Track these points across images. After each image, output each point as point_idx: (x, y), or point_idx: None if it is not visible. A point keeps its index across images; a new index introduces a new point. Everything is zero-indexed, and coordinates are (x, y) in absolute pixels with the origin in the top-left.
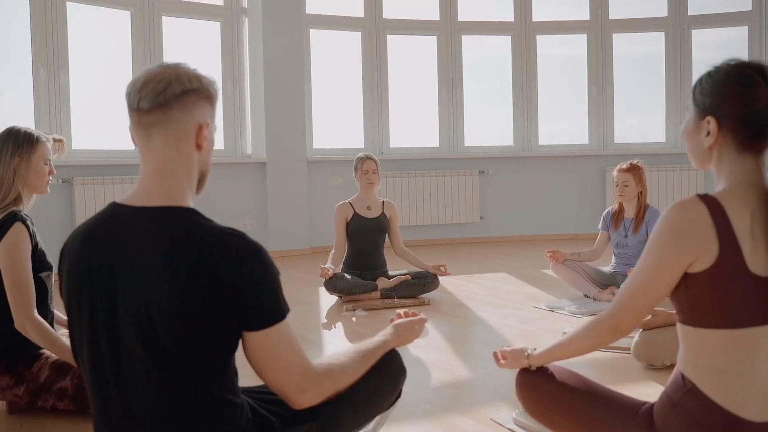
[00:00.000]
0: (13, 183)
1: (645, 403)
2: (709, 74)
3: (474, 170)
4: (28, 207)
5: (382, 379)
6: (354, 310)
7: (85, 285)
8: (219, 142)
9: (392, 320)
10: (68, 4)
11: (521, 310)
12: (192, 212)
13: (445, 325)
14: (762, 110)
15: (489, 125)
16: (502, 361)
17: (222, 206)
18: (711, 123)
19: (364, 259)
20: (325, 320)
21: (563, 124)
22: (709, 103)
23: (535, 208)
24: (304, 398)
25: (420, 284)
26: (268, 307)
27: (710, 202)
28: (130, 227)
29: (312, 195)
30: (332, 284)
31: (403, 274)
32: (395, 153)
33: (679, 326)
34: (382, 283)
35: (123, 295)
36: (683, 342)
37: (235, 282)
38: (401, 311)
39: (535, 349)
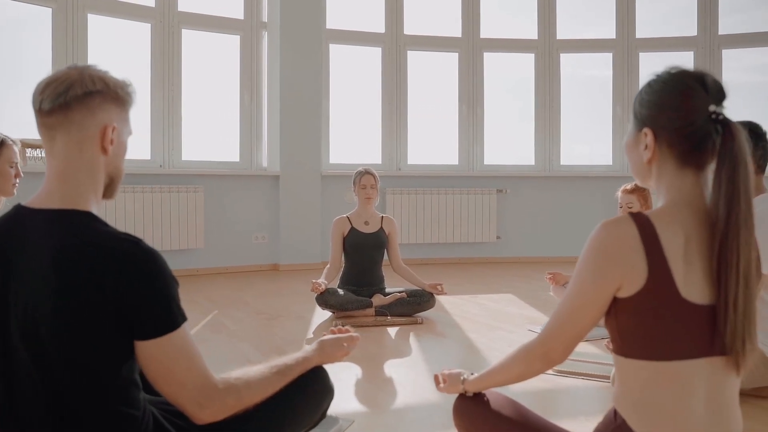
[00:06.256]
0: None
1: None
2: (649, 84)
3: (492, 189)
4: None
5: (303, 397)
6: (343, 326)
7: None
8: (235, 154)
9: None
10: (89, 15)
11: (514, 333)
12: (89, 216)
13: (429, 345)
14: (701, 121)
15: (510, 144)
16: (442, 385)
17: (235, 218)
18: (648, 135)
19: (362, 275)
20: (311, 335)
21: (586, 144)
22: (647, 114)
23: (554, 229)
24: (203, 413)
25: (415, 302)
26: (159, 315)
27: (641, 221)
28: (26, 229)
29: (325, 209)
30: (324, 299)
31: (399, 292)
32: (413, 170)
33: (613, 356)
34: (377, 300)
35: (13, 298)
36: (617, 373)
37: (124, 288)
38: (334, 327)
39: (472, 374)
